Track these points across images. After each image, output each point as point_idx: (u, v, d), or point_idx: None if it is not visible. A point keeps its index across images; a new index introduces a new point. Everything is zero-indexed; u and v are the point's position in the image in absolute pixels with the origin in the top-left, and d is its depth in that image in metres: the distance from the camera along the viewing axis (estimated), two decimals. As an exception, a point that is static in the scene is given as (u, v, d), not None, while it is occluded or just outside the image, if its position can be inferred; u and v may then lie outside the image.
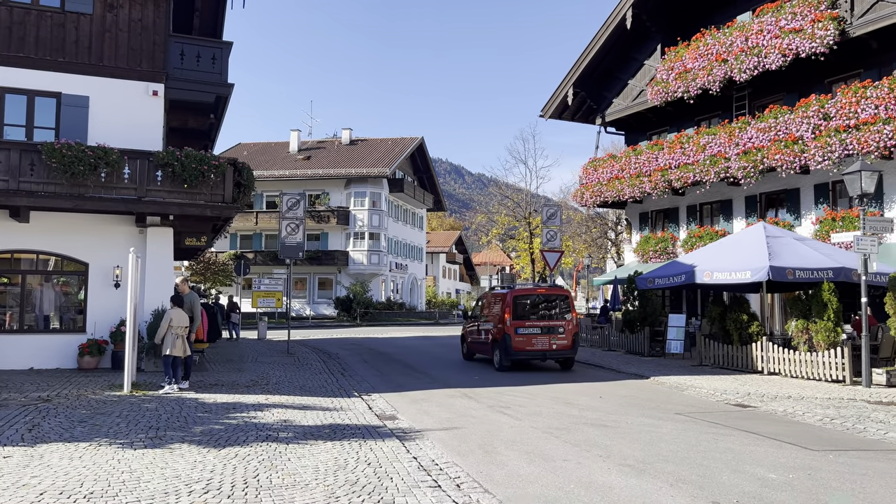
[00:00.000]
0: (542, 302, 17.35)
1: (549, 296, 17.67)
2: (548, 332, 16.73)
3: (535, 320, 16.87)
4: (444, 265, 75.22)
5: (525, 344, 16.55)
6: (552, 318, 17.00)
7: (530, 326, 16.71)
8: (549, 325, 16.82)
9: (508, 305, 16.81)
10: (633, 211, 27.32)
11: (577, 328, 17.30)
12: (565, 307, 17.23)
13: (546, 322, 16.89)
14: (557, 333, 16.75)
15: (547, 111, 28.18)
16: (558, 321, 16.92)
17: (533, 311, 17.06)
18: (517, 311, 16.80)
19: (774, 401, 12.02)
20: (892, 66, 18.66)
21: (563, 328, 16.84)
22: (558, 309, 17.19)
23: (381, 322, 43.84)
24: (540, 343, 16.62)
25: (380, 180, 49.61)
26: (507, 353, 16.52)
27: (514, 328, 16.57)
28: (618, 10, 24.87)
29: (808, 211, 20.85)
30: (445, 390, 13.11)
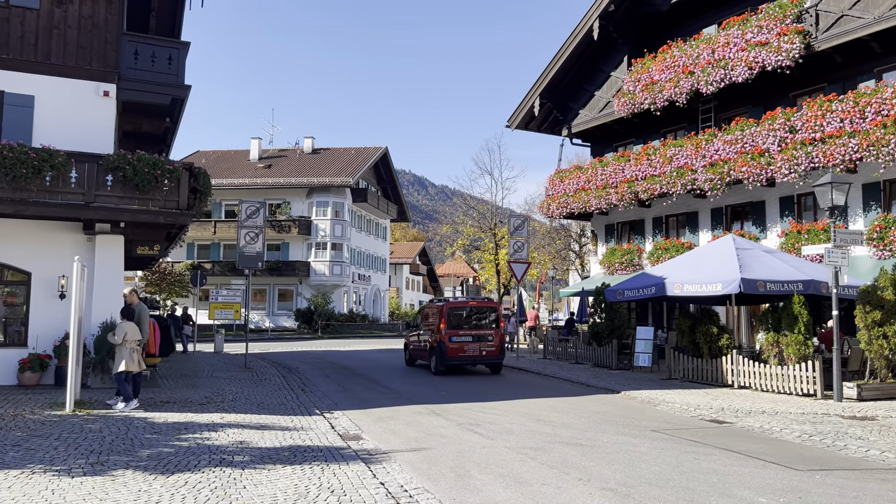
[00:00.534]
0: (473, 313, 19.17)
1: (479, 308, 19.49)
2: (478, 340, 18.55)
3: (468, 330, 18.66)
4: (408, 276, 74.60)
5: (458, 350, 18.34)
6: (482, 327, 18.82)
7: (463, 335, 18.51)
8: (480, 334, 18.63)
9: (444, 316, 18.51)
10: (599, 222, 27.18)
11: (503, 337, 19.31)
12: (494, 318, 19.07)
13: (477, 331, 18.70)
14: (487, 341, 18.61)
15: (513, 122, 27.94)
16: (488, 330, 18.76)
17: (465, 322, 18.83)
18: (451, 322, 18.53)
19: (749, 416, 11.76)
20: (856, 80, 18.83)
21: (491, 336, 18.70)
22: (488, 320, 19.00)
23: (343, 335, 43.00)
24: (471, 350, 18.44)
25: (343, 190, 48.88)
26: (442, 358, 18.29)
27: (449, 336, 18.32)
28: (585, 22, 24.79)
29: (774, 223, 20.89)
30: (412, 406, 12.55)
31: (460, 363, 18.64)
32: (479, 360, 18.71)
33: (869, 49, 18.23)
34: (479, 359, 18.61)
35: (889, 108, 16.51)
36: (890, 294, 13.53)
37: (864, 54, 18.44)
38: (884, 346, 13.40)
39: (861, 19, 17.77)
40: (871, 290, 13.67)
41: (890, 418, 11.48)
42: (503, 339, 19.16)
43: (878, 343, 13.43)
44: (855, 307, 18.60)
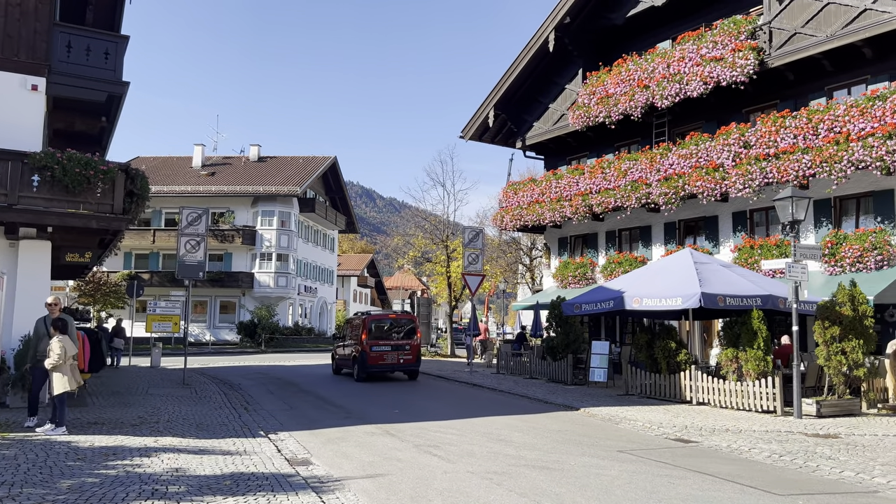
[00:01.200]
0: (392, 325, 20.99)
1: (398, 320, 21.53)
2: (396, 350, 20.33)
3: (387, 340, 20.40)
4: (356, 289, 73.41)
5: (378, 359, 20.07)
6: (400, 338, 20.58)
7: (383, 345, 20.24)
8: (398, 344, 20.42)
9: (365, 328, 20.25)
10: (553, 236, 26.93)
11: (419, 346, 21.25)
12: (412, 329, 20.96)
13: (395, 341, 20.45)
14: (404, 350, 20.42)
15: (467, 132, 27.53)
16: (405, 340, 20.58)
17: (385, 333, 20.56)
18: (372, 333, 20.25)
19: (713, 434, 11.42)
20: (808, 97, 19.03)
21: (409, 346, 20.55)
22: (406, 331, 20.81)
23: (289, 348, 41.68)
24: (390, 358, 20.23)
25: (290, 199, 47.66)
26: (363, 366, 19.97)
27: (370, 346, 20.03)
28: (540, 33, 24.60)
29: (727, 238, 20.93)
30: (364, 426, 11.80)
31: (380, 370, 20.36)
32: (397, 368, 20.54)
33: (820, 67, 18.45)
34: (398, 366, 20.45)
35: (841, 126, 16.66)
36: (848, 310, 13.48)
37: (816, 72, 18.65)
38: (842, 362, 13.31)
39: (813, 37, 17.96)
40: (830, 306, 13.60)
41: (852, 436, 11.32)
42: (419, 348, 21.10)
43: (837, 359, 13.34)
44: (807, 323, 18.76)
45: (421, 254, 33.69)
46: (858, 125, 16.30)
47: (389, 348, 20.32)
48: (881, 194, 17.47)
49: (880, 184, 17.33)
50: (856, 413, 13.56)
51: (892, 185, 17.16)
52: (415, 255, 33.70)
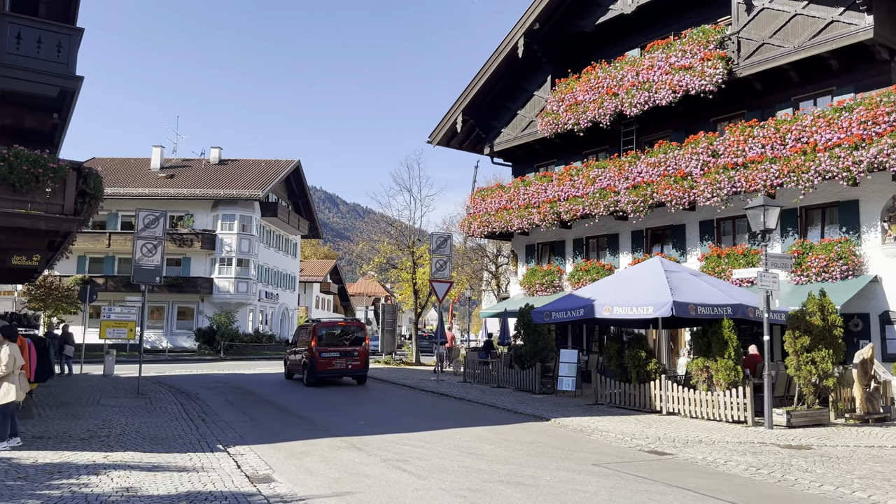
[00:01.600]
0: (341, 332, 21.86)
1: (347, 327, 22.35)
2: (345, 356, 21.04)
3: (336, 346, 21.17)
4: (318, 295, 72.39)
5: (327, 364, 20.74)
6: (349, 344, 21.40)
7: (332, 351, 20.99)
8: (346, 350, 21.19)
9: (315, 335, 21.00)
10: (520, 243, 26.72)
11: (367, 353, 21.94)
12: (360, 336, 21.79)
13: (344, 348, 21.24)
14: (352, 357, 21.10)
15: (435, 137, 27.19)
16: (353, 347, 21.35)
17: (334, 340, 21.36)
18: (321, 340, 21.03)
19: (687, 446, 11.21)
20: (775, 108, 19.15)
21: (357, 352, 21.23)
22: (354, 338, 21.65)
23: (248, 356, 40.70)
24: (338, 364, 20.91)
25: (251, 203, 46.70)
26: (312, 372, 20.61)
27: (319, 352, 20.71)
28: (509, 39, 24.41)
29: (694, 247, 20.94)
30: (329, 439, 11.30)
31: (329, 376, 21.00)
32: (345, 373, 21.20)
33: (787, 77, 18.58)
34: (346, 371, 21.13)
35: (809, 136, 16.76)
36: (818, 319, 13.45)
37: (783, 82, 18.79)
38: (812, 372, 13.27)
39: (781, 48, 18.08)
40: (800, 316, 13.55)
41: (825, 447, 11.23)
42: (367, 354, 21.79)
43: (808, 369, 13.29)
44: (773, 332, 18.80)
45: (387, 260, 33.17)
46: (825, 136, 16.40)
47: (338, 354, 21.06)
48: (846, 204, 17.62)
49: (845, 194, 17.48)
50: (825, 423, 13.53)
51: (857, 196, 17.32)
52: (380, 261, 33.15)
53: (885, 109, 15.54)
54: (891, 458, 10.40)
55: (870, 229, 17.12)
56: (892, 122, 15.45)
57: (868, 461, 10.07)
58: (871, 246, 17.03)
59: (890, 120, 15.47)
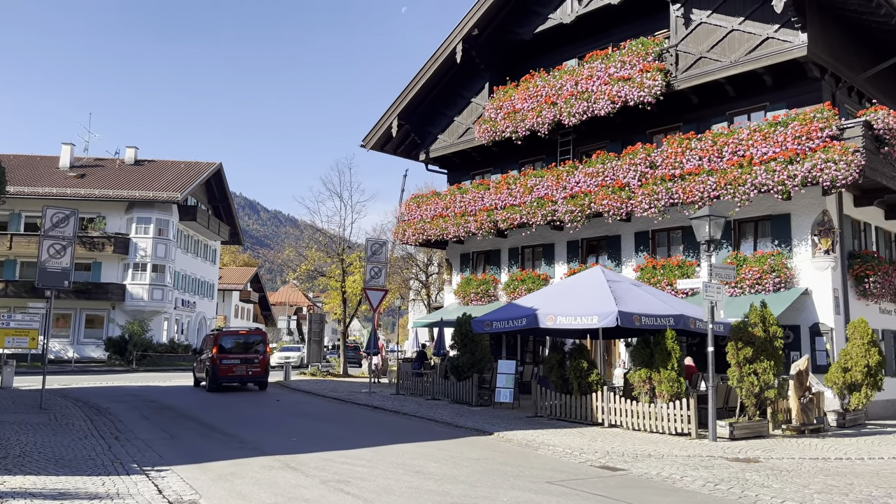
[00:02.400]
0: (241, 340, 22.96)
1: (247, 336, 23.60)
2: (245, 363, 22.13)
3: (236, 354, 22.18)
4: (238, 304, 69.84)
5: (227, 371, 21.78)
6: (249, 352, 22.42)
7: (232, 358, 22.01)
8: (247, 358, 22.23)
9: (216, 343, 22.08)
10: (455, 251, 26.24)
11: (268, 360, 22.98)
12: (261, 344, 22.89)
13: (244, 355, 22.25)
14: (253, 364, 22.23)
15: (369, 141, 26.42)
16: (254, 354, 22.43)
17: (235, 348, 22.38)
18: (222, 347, 22.01)
19: (638, 461, 10.86)
20: (710, 121, 19.41)
21: (257, 360, 22.37)
22: (254, 346, 22.74)
23: (163, 367, 38.53)
24: (239, 370, 22.02)
25: (169, 206, 44.49)
26: (214, 378, 21.65)
27: (220, 360, 21.73)
28: (447, 44, 23.99)
29: (629, 258, 20.97)
30: (260, 458, 10.34)
31: (229, 382, 22.08)
32: (245, 379, 22.35)
33: (723, 92, 18.86)
34: (246, 378, 22.25)
35: (745, 149, 16.99)
36: (760, 330, 13.47)
37: (719, 97, 19.07)
38: (754, 384, 13.25)
39: (718, 62, 18.34)
40: (743, 327, 13.54)
41: (771, 460, 11.12)
42: (267, 361, 22.86)
43: (750, 380, 13.27)
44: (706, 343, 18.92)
45: (315, 268, 32.03)
46: (761, 149, 16.66)
47: (238, 361, 22.08)
48: (778, 218, 17.96)
49: (777, 208, 17.82)
50: (765, 435, 13.54)
51: (789, 210, 17.67)
52: (308, 268, 31.98)
53: (819, 125, 15.90)
54: (838, 470, 10.36)
55: (801, 243, 17.48)
56: (824, 138, 15.82)
57: (818, 474, 9.97)
58: (802, 259, 17.39)
59: (823, 135, 15.83)
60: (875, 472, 10.33)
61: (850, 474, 10.04)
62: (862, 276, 17.46)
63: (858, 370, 14.85)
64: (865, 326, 15.17)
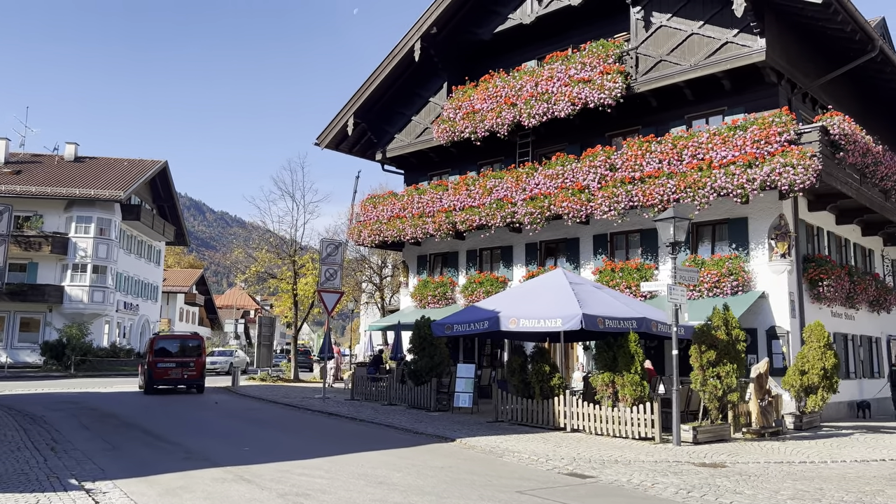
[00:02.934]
0: (178, 344, 23.75)
1: (184, 340, 24.48)
2: (181, 366, 22.82)
3: (172, 357, 23.00)
4: (183, 307, 67.77)
5: (163, 374, 22.58)
6: (185, 356, 23.19)
7: (168, 362, 22.80)
8: (183, 361, 22.97)
9: (152, 347, 23.14)
10: (412, 253, 25.77)
11: (203, 363, 23.77)
12: (197, 348, 23.68)
13: (180, 359, 23.02)
14: (188, 367, 22.91)
15: (324, 139, 25.76)
16: (190, 358, 23.14)
17: (171, 352, 23.20)
18: (158, 351, 22.96)
19: (605, 467, 10.59)
20: (669, 125, 19.46)
21: (193, 363, 23.07)
22: (191, 349, 23.50)
23: (104, 372, 36.88)
24: (174, 373, 22.76)
25: (111, 205, 42.75)
26: (150, 380, 22.48)
27: (156, 363, 22.58)
28: (405, 41, 23.55)
29: (588, 261, 20.87)
30: (211, 470, 9.69)
31: (165, 384, 22.84)
32: (181, 382, 23.05)
33: (682, 95, 18.92)
34: (182, 381, 22.97)
35: (705, 153, 17.03)
36: (723, 333, 13.41)
37: (678, 100, 19.12)
38: (717, 387, 13.18)
39: (678, 66, 18.38)
40: (706, 330, 13.46)
41: (737, 464, 11.01)
42: (203, 365, 23.56)
43: (713, 384, 13.20)
44: (665, 347, 18.93)
45: (265, 269, 31.12)
46: (721, 153, 16.72)
47: (174, 365, 22.76)
48: (736, 222, 18.08)
49: (735, 211, 17.93)
50: (727, 438, 13.48)
51: (746, 214, 17.80)
52: (258, 270, 31.04)
53: (777, 130, 16.04)
54: (804, 475, 10.29)
55: (758, 246, 17.62)
56: (783, 142, 15.96)
57: (786, 479, 9.87)
58: (759, 263, 17.52)
59: (781, 140, 15.96)
60: (841, 475, 10.29)
61: (817, 478, 9.98)
62: (816, 280, 17.69)
63: (815, 373, 14.97)
64: (822, 329, 15.33)
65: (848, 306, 19.55)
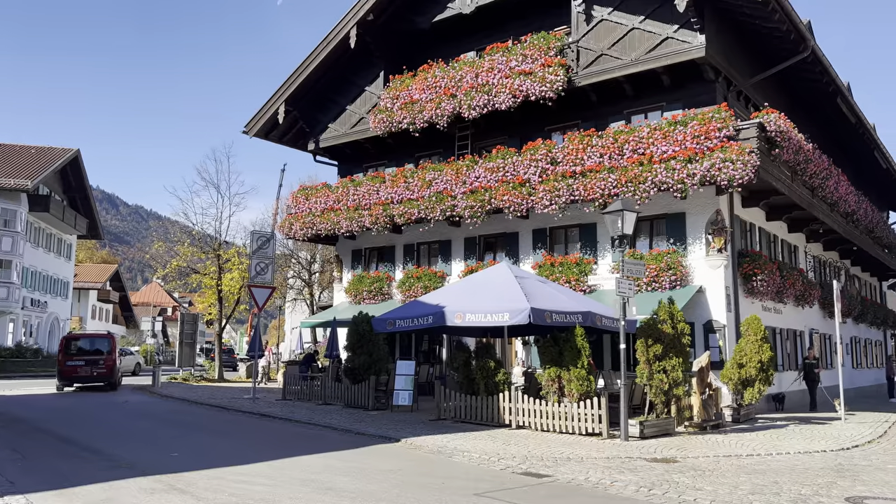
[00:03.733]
0: (87, 342, 24.46)
1: (93, 338, 25.19)
2: (90, 364, 23.46)
3: (82, 355, 23.71)
4: (96, 304, 64.27)
5: (72, 371, 23.26)
6: (95, 354, 23.85)
7: (77, 360, 23.51)
8: (92, 359, 23.64)
9: (62, 345, 24.07)
10: (346, 247, 24.97)
11: (114, 361, 24.20)
12: (107, 346, 24.23)
13: (90, 357, 23.70)
14: (98, 365, 23.57)
15: (252, 127, 24.62)
16: (99, 356, 23.80)
17: (80, 350, 23.92)
18: (68, 349, 23.74)
19: (559, 465, 10.28)
20: (608, 120, 19.44)
21: (103, 361, 23.70)
22: (100, 348, 24.14)
23: (9, 374, 34.35)
24: (83, 371, 23.32)
25: (17, 195, 39.92)
26: (61, 378, 23.27)
27: (65, 361, 23.34)
28: (340, 27, 22.75)
29: (527, 255, 20.67)
30: (139, 480, 8.79)
31: (75, 382, 23.45)
32: (91, 380, 23.52)
33: (622, 90, 18.94)
34: (91, 378, 23.46)
35: (646, 147, 17.04)
36: (668, 327, 13.37)
37: (618, 95, 19.13)
38: (664, 381, 13.14)
39: (619, 60, 18.36)
40: (652, 324, 13.40)
41: (688, 459, 10.92)
42: (114, 362, 24.10)
43: (659, 377, 13.14)
44: (604, 341, 18.93)
45: (187, 264, 29.58)
46: (661, 148, 16.76)
47: (83, 363, 23.33)
48: (674, 216, 18.21)
49: (673, 206, 18.06)
50: (671, 432, 13.45)
51: (684, 209, 17.95)
52: (179, 264, 29.48)
53: (717, 125, 16.18)
54: (755, 468, 10.26)
55: (695, 241, 17.79)
56: (722, 138, 16.11)
57: (740, 473, 9.80)
58: (696, 257, 17.70)
59: (720, 136, 16.12)
60: (790, 468, 10.32)
61: (769, 472, 9.95)
62: (750, 275, 18.02)
63: (753, 366, 15.18)
64: (758, 323, 15.56)
65: (777, 301, 20.07)
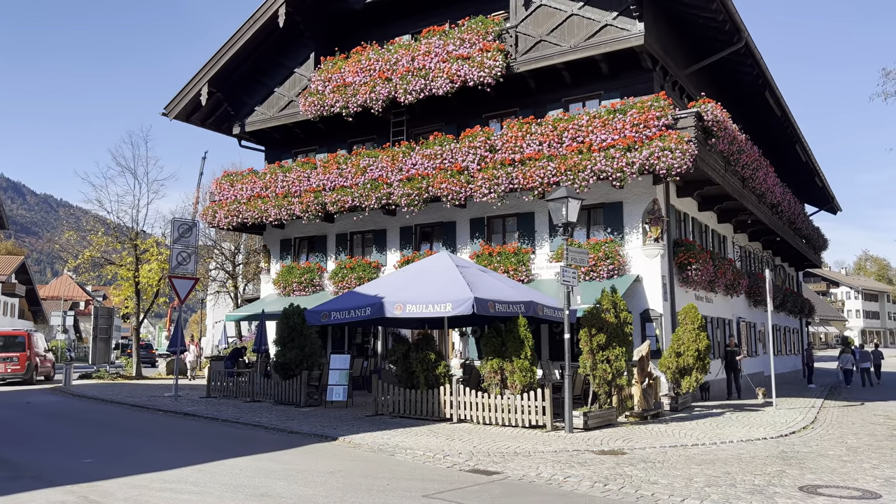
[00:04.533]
0: (3, 341, 24.25)
1: (7, 336, 24.85)
2: (4, 361, 23.79)
3: None
4: (0, 298, 60.13)
5: None
6: (9, 351, 24.05)
7: None
8: (7, 357, 23.90)
9: None
10: (274, 237, 23.90)
11: (28, 358, 24.27)
12: (21, 344, 24.37)
13: (4, 354, 23.87)
14: (12, 362, 23.90)
15: (173, 109, 23.18)
16: (14, 353, 24.04)
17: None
18: None
19: (507, 460, 9.86)
20: (546, 107, 19.17)
21: (17, 358, 24.01)
22: (15, 345, 24.26)
23: None
24: None
25: None
26: None
27: None
28: (269, 5, 21.66)
29: (465, 245, 20.24)
30: (47, 491, 7.82)
31: None
32: (5, 377, 23.76)
33: (560, 78, 18.70)
34: (7, 375, 23.75)
35: (585, 135, 16.84)
36: (611, 316, 13.17)
37: (556, 82, 18.88)
38: (607, 371, 12.93)
39: (558, 46, 18.08)
40: (596, 313, 13.17)
41: (635, 450, 10.72)
42: (27, 359, 24.25)
43: (603, 367, 12.92)
44: (542, 331, 18.72)
45: (101, 254, 27.75)
46: (601, 136, 16.59)
47: None
48: (611, 206, 18.13)
49: (610, 196, 17.97)
50: (614, 423, 13.28)
51: (622, 198, 17.89)
52: (92, 255, 27.62)
53: (655, 114, 16.11)
54: (703, 458, 10.13)
55: (632, 231, 17.76)
56: (660, 127, 16.05)
57: (690, 464, 9.62)
58: (633, 247, 17.66)
59: (659, 124, 16.06)
60: (736, 457, 10.23)
61: (717, 462, 9.83)
62: (685, 264, 18.13)
63: (690, 355, 15.20)
64: (696, 312, 15.60)
65: (709, 290, 20.35)
